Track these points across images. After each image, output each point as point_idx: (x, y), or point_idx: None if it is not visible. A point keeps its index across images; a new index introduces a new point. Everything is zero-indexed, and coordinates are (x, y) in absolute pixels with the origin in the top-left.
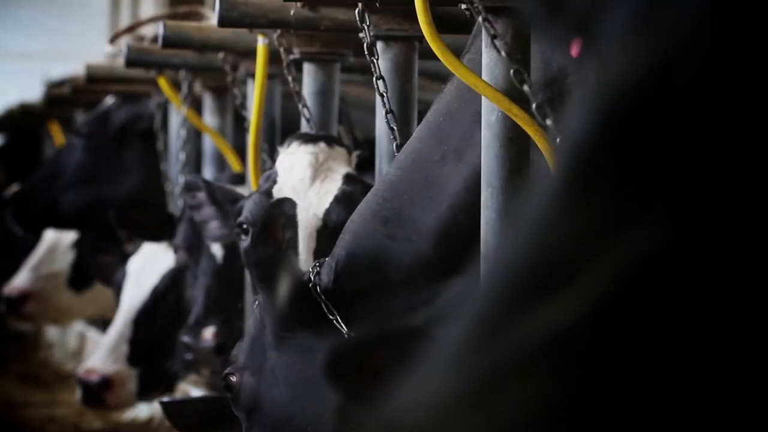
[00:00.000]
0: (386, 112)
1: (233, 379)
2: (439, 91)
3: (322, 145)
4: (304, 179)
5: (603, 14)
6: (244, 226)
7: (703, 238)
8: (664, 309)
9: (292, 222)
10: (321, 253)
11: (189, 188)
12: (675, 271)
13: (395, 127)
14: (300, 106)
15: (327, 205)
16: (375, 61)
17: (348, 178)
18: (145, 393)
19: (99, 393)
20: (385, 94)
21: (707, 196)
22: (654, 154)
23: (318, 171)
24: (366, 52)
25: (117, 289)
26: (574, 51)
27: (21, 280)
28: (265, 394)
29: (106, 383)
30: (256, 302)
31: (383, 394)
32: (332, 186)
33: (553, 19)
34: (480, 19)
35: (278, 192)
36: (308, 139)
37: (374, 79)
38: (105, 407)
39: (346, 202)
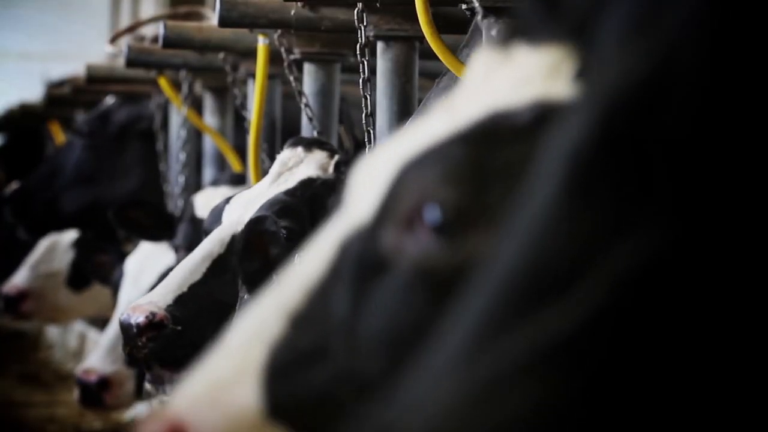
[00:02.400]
0: (366, 114)
1: None
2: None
3: (299, 149)
4: (264, 185)
5: (601, 16)
6: (204, 233)
7: (703, 240)
8: (665, 311)
9: (275, 238)
10: (225, 260)
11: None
12: (675, 273)
13: (372, 131)
14: (302, 106)
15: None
16: (365, 62)
17: (303, 183)
18: (143, 393)
19: (97, 393)
20: (368, 96)
21: (707, 199)
22: (653, 156)
23: (280, 176)
24: (359, 53)
25: (114, 288)
26: None
27: (20, 278)
28: None
29: (105, 383)
30: (240, 304)
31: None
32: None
33: (552, 20)
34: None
35: (237, 199)
36: (291, 143)
37: (361, 80)
38: (104, 407)
39: (270, 208)
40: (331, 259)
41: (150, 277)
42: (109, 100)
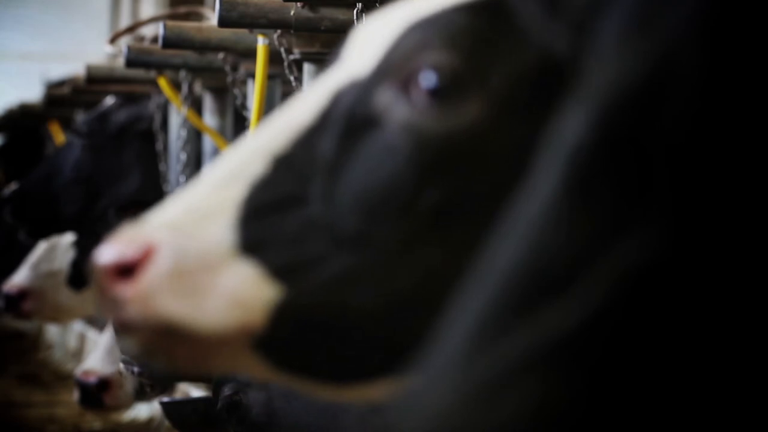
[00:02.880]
0: None
1: (238, 398)
2: None
3: None
4: None
5: (600, 16)
6: None
7: (702, 240)
8: (664, 311)
9: None
10: None
11: None
12: (674, 273)
13: None
14: None
15: None
16: None
17: None
18: (143, 394)
19: (97, 394)
20: None
21: (706, 199)
22: (652, 156)
23: None
24: None
25: None
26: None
27: (20, 277)
28: (282, 407)
29: (104, 384)
30: None
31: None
32: None
33: (551, 21)
34: None
35: None
36: None
37: None
38: (103, 408)
39: None
40: (321, 108)
41: None
42: (109, 100)
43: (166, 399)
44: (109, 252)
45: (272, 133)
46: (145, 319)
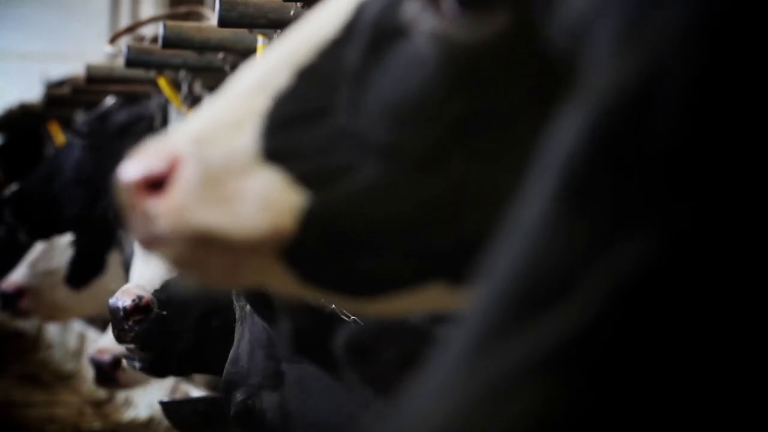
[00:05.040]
0: None
1: (251, 402)
2: None
3: None
4: None
5: (594, 23)
6: None
7: (700, 245)
8: (664, 315)
9: None
10: None
11: None
12: (673, 278)
13: None
14: None
15: None
16: None
17: None
18: (158, 372)
19: (111, 372)
20: None
21: (704, 204)
22: (649, 162)
23: None
24: None
25: (126, 265)
26: None
27: (18, 275)
28: (297, 408)
29: (118, 363)
30: (244, 314)
31: (391, 383)
32: None
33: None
34: None
35: None
36: None
37: None
38: (118, 385)
39: None
40: (346, 19)
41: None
42: (110, 100)
43: (166, 399)
44: (135, 167)
45: (296, 44)
46: (178, 230)
